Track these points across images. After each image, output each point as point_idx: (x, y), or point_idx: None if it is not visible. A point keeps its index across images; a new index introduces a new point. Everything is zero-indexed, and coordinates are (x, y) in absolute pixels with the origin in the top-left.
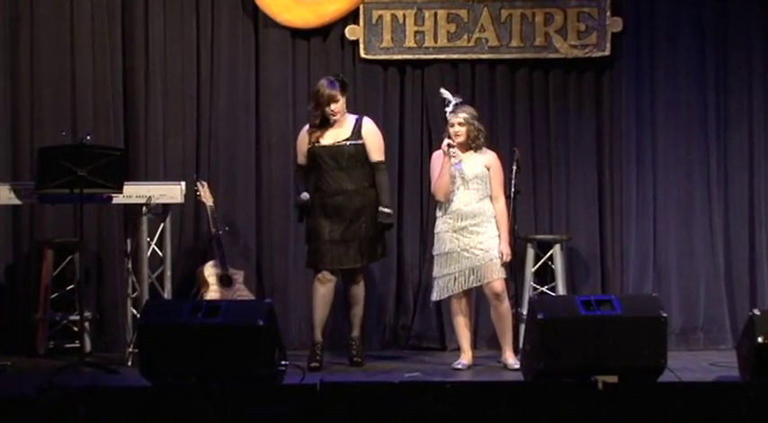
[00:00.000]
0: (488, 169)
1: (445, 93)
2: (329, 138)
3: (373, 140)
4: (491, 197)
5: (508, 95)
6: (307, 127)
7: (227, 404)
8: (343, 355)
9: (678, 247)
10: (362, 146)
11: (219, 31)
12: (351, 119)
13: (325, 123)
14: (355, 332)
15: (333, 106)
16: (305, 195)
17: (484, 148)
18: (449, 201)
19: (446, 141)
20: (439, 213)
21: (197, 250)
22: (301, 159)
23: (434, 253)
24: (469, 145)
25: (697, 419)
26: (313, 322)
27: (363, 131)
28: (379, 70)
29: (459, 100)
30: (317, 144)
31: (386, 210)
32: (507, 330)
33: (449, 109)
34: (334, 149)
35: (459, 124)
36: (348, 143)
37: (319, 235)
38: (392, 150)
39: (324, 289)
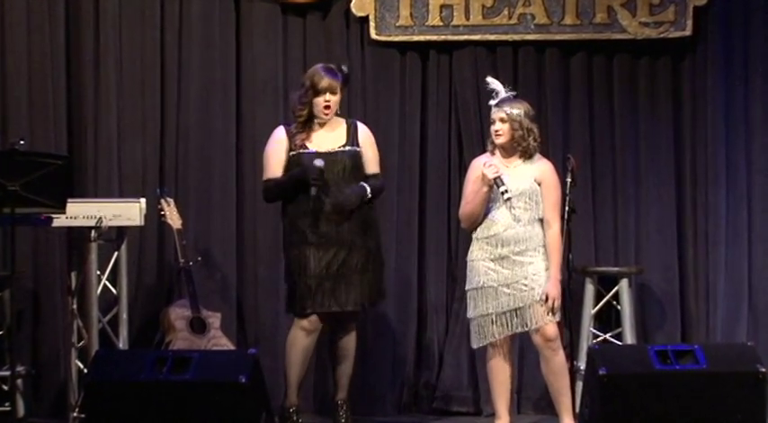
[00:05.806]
0: (539, 184)
1: (494, 83)
2: (319, 143)
3: (372, 149)
4: (542, 220)
5: (560, 87)
6: (282, 128)
7: None
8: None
9: None
10: (360, 155)
11: (190, 6)
12: (341, 122)
13: (310, 123)
14: (343, 394)
15: (329, 97)
16: (319, 161)
17: (537, 157)
18: (489, 221)
19: (485, 159)
20: (475, 236)
21: (161, 286)
22: (276, 172)
23: (467, 287)
24: (515, 149)
25: None
26: (288, 381)
27: (361, 138)
28: (394, 55)
29: (511, 93)
30: (302, 150)
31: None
32: (564, 389)
33: (493, 102)
34: (329, 159)
35: (501, 120)
36: (346, 150)
37: (306, 268)
38: (411, 158)
39: (308, 340)
